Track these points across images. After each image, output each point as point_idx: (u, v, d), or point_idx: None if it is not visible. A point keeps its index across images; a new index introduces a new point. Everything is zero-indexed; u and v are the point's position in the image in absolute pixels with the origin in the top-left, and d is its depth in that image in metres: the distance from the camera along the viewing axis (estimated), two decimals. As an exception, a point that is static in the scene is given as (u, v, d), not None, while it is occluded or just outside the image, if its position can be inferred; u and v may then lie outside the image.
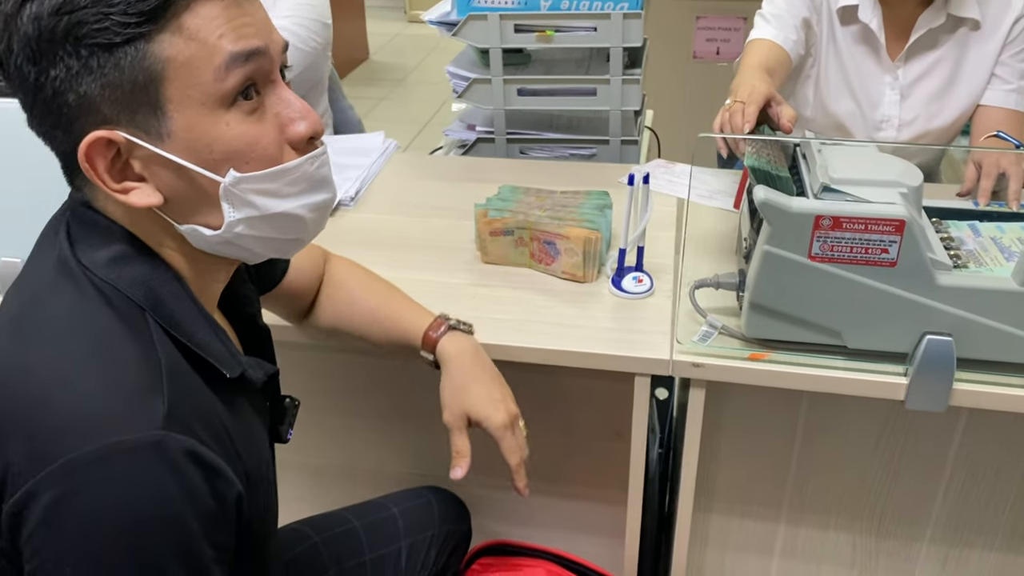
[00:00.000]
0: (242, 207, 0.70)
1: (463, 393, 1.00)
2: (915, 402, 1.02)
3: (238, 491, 0.67)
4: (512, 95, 1.60)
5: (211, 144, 0.67)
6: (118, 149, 0.66)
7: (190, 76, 0.65)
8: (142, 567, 0.61)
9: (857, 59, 1.54)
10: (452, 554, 1.18)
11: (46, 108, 0.66)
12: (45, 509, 0.60)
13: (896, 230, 0.96)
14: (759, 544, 1.26)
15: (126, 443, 0.61)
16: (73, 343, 0.65)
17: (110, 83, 0.63)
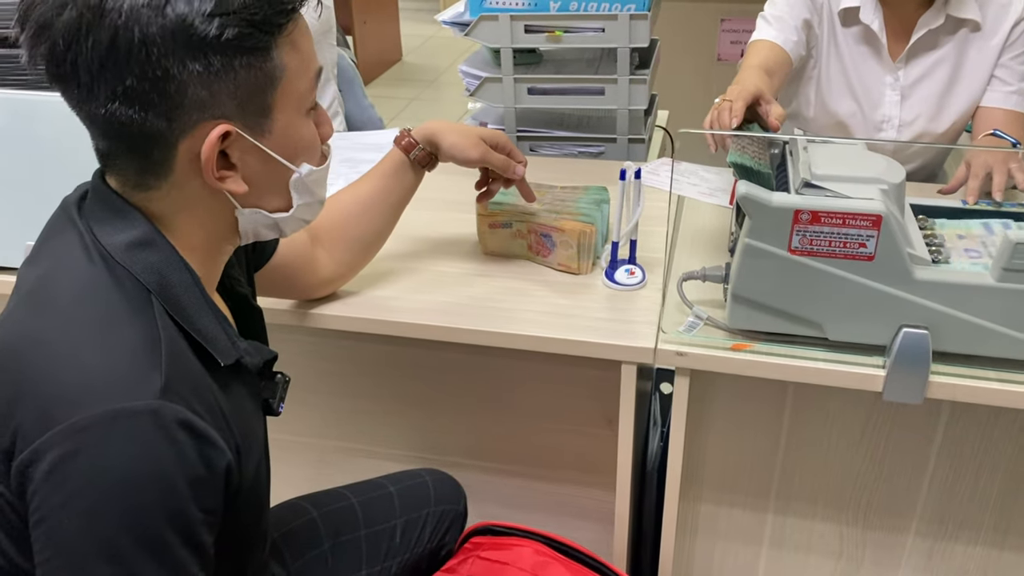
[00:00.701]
0: (305, 195, 0.83)
1: (463, 135, 1.18)
2: (892, 393, 1.04)
3: (228, 460, 0.72)
4: (523, 94, 1.64)
5: (297, 142, 0.79)
6: (231, 140, 0.74)
7: (296, 83, 0.76)
8: (134, 522, 0.66)
9: (858, 60, 1.56)
10: (447, 533, 1.22)
11: (157, 95, 0.69)
12: (49, 466, 0.65)
13: (873, 225, 0.98)
14: (748, 533, 1.29)
15: (125, 410, 0.66)
16: (83, 318, 0.71)
17: (241, 84, 0.72)
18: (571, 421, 1.29)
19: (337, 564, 1.13)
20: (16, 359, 0.71)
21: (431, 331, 1.16)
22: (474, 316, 1.16)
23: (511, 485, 1.38)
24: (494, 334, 1.14)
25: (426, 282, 1.24)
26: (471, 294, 1.21)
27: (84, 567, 0.65)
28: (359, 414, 1.39)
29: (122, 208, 0.76)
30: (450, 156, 1.18)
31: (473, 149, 1.17)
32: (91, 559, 0.65)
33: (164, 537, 0.67)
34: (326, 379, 1.36)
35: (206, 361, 0.76)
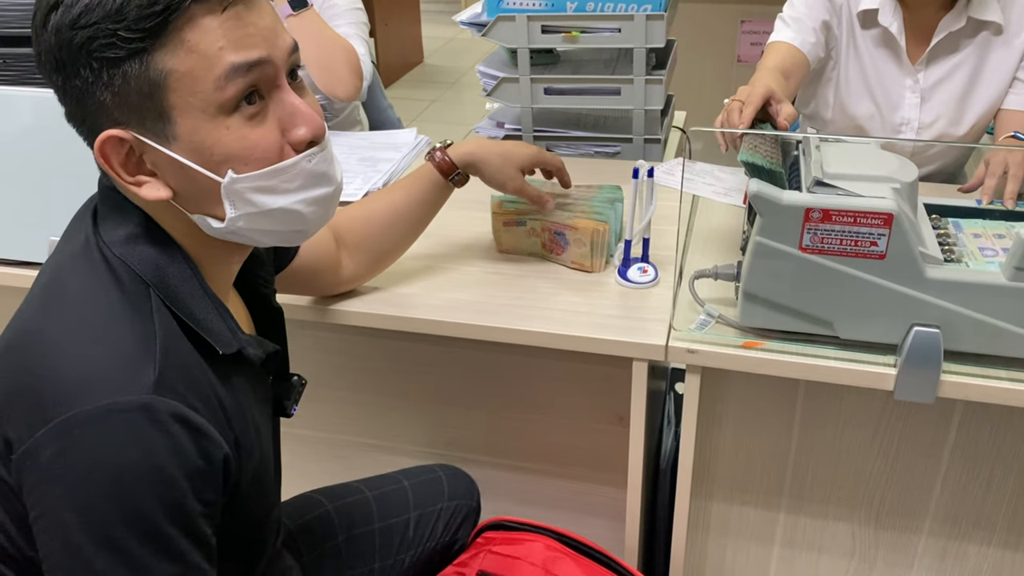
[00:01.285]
0: (242, 204, 0.75)
1: (504, 164, 1.18)
2: (903, 392, 1.04)
3: (225, 452, 0.73)
4: (539, 94, 1.65)
5: (211, 147, 0.72)
6: (131, 146, 0.73)
7: (191, 85, 0.70)
8: (132, 515, 0.67)
9: (877, 62, 1.55)
10: (460, 527, 1.24)
11: (72, 109, 0.73)
12: (46, 462, 0.67)
13: (885, 223, 0.98)
14: (760, 532, 1.29)
15: (118, 404, 0.67)
16: (80, 314, 0.73)
17: (119, 92, 0.70)
18: (583, 418, 1.30)
19: (351, 556, 1.14)
20: (18, 353, 0.73)
21: (446, 327, 1.17)
22: (489, 313, 1.17)
23: (523, 481, 1.39)
24: (508, 331, 1.15)
25: (441, 279, 1.26)
26: (485, 291, 1.23)
27: (86, 560, 0.66)
28: (374, 409, 1.41)
29: (121, 204, 0.78)
30: (488, 182, 1.22)
31: (510, 182, 1.21)
32: (92, 552, 0.66)
33: (164, 529, 0.68)
34: (342, 374, 1.38)
35: (206, 353, 0.76)
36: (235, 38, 0.71)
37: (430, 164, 1.19)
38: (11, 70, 1.31)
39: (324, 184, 0.80)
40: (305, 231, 0.83)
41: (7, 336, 0.75)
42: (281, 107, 0.75)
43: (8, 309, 1.50)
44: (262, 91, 0.74)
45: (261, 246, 0.84)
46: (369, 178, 1.55)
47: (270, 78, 0.74)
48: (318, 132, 0.77)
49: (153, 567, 0.68)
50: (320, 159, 0.79)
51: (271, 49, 0.73)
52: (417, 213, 1.20)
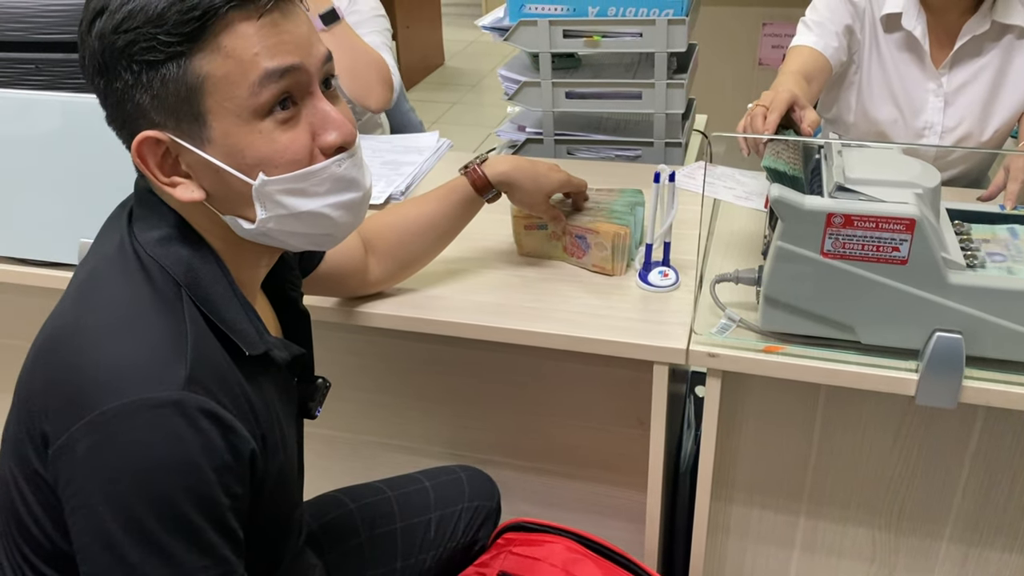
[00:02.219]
0: (272, 206, 0.77)
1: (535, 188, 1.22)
2: (925, 398, 1.04)
3: (252, 448, 0.75)
4: (560, 98, 1.66)
5: (244, 150, 0.74)
6: (167, 148, 0.75)
7: (227, 90, 0.72)
8: (164, 508, 0.69)
9: (900, 66, 1.55)
10: (480, 528, 1.25)
11: (112, 111, 0.76)
12: (80, 455, 0.69)
13: (907, 229, 0.99)
14: (779, 536, 1.29)
15: (150, 400, 0.69)
16: (114, 311, 0.75)
17: (158, 94, 0.72)
18: (604, 421, 1.31)
19: (373, 556, 1.16)
20: (55, 349, 0.75)
21: (468, 330, 1.18)
22: (510, 316, 1.18)
23: (543, 483, 1.39)
24: (530, 333, 1.16)
25: (463, 282, 1.27)
26: (507, 294, 1.24)
27: (120, 552, 0.68)
28: (396, 410, 1.42)
29: (156, 206, 0.80)
30: (517, 204, 1.26)
31: (539, 206, 1.25)
32: (126, 544, 0.68)
33: (193, 521, 0.69)
34: (365, 375, 1.39)
35: (234, 353, 0.78)
36: (270, 45, 0.73)
37: (465, 179, 1.20)
38: (43, 75, 1.33)
39: (353, 189, 0.82)
40: (334, 235, 0.84)
41: (44, 333, 0.77)
42: (313, 113, 0.77)
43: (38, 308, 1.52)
44: (295, 97, 0.76)
45: (291, 250, 0.86)
46: (392, 181, 1.57)
47: (303, 85, 0.76)
48: (348, 138, 0.79)
49: (184, 559, 0.69)
50: (350, 164, 0.80)
51: (305, 57, 0.75)
52: (448, 224, 1.22)
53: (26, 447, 0.74)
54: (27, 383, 0.76)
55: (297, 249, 0.86)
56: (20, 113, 1.30)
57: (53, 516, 0.74)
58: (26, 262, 1.40)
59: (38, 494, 0.74)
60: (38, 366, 0.76)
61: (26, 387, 0.76)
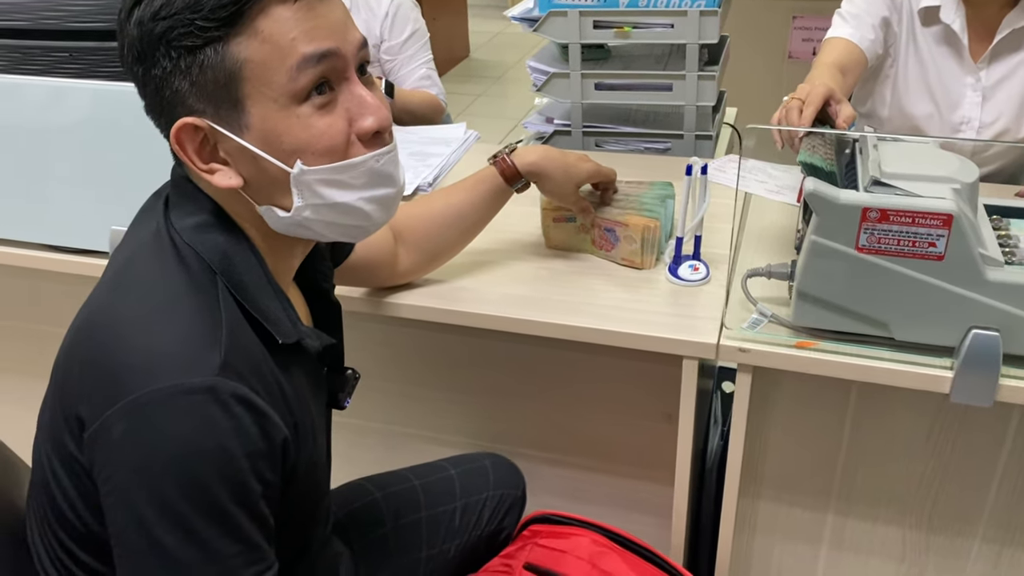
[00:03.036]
0: (309, 195, 0.77)
1: (565, 179, 1.20)
2: (960, 395, 1.03)
3: (285, 435, 0.75)
4: (590, 89, 1.65)
5: (281, 136, 0.74)
6: (205, 135, 0.75)
7: (265, 75, 0.72)
8: (197, 493, 0.69)
9: (938, 60, 1.53)
10: (506, 516, 1.24)
11: (151, 99, 0.76)
12: (116, 439, 0.69)
13: (944, 224, 0.97)
14: (807, 533, 1.28)
15: (184, 385, 0.69)
16: (150, 297, 0.75)
17: (196, 81, 0.72)
18: (631, 415, 1.30)
19: (397, 545, 1.16)
20: (90, 336, 0.75)
21: (497, 322, 1.18)
22: (539, 308, 1.18)
23: (570, 476, 1.39)
24: (557, 326, 1.16)
25: (492, 274, 1.27)
26: (536, 287, 1.23)
27: (154, 536, 0.69)
28: (424, 401, 1.42)
29: (192, 194, 0.80)
30: (546, 195, 1.25)
31: (569, 197, 1.23)
32: (158, 527, 0.68)
33: (227, 507, 0.70)
34: (393, 366, 1.40)
35: (267, 341, 0.78)
36: (307, 29, 0.73)
37: (494, 169, 1.20)
38: (76, 63, 1.34)
39: (388, 185, 0.82)
40: (366, 228, 0.84)
41: (80, 319, 0.78)
42: (349, 98, 0.77)
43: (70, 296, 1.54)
44: (332, 82, 0.76)
45: (323, 240, 0.86)
46: (419, 173, 1.57)
47: (339, 70, 0.76)
48: (384, 123, 0.79)
49: (217, 544, 0.70)
50: (388, 160, 0.81)
51: (341, 42, 0.75)
52: (477, 215, 1.22)
53: (62, 430, 0.75)
54: (63, 368, 0.77)
55: (328, 240, 0.86)
56: (54, 101, 1.31)
57: (88, 499, 0.75)
58: (59, 249, 1.41)
59: (73, 477, 0.75)
60: (74, 351, 0.76)
61: (62, 372, 0.77)
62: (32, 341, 1.61)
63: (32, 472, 0.84)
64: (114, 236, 1.28)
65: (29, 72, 1.36)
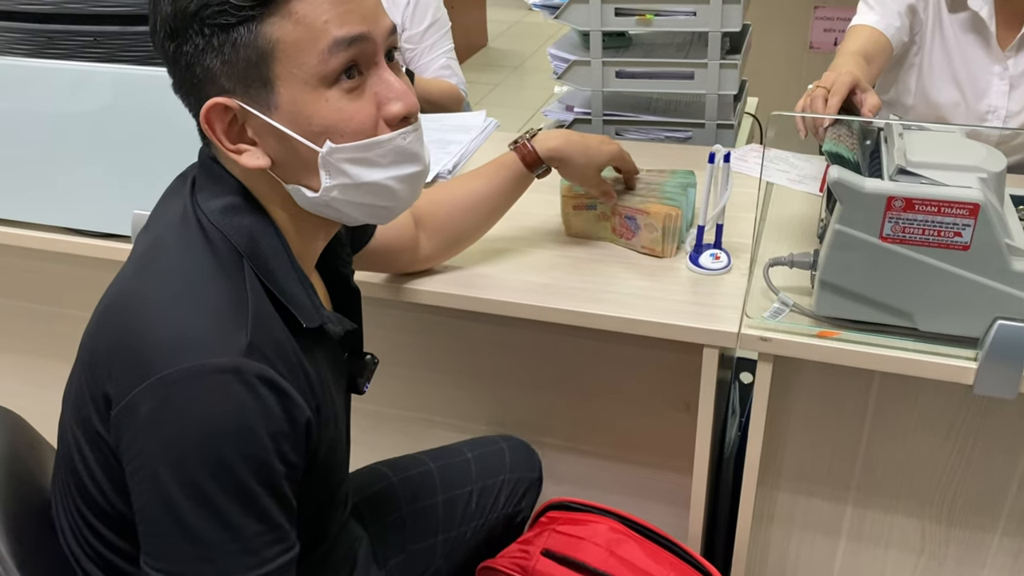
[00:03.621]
0: (337, 175, 0.78)
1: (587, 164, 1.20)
2: (984, 387, 1.02)
3: (308, 417, 0.76)
4: (610, 77, 1.64)
5: (310, 117, 0.75)
6: (235, 115, 0.76)
7: (296, 56, 0.73)
8: (221, 472, 0.69)
9: (964, 48, 1.51)
10: (522, 499, 1.25)
11: (181, 77, 0.76)
12: (143, 417, 0.70)
13: (970, 214, 0.96)
14: (826, 524, 1.28)
15: (211, 365, 0.70)
16: (178, 277, 0.76)
17: (228, 60, 0.73)
18: (649, 404, 1.30)
19: (414, 528, 1.16)
20: (118, 314, 0.76)
21: (516, 309, 1.18)
22: (558, 296, 1.18)
23: (587, 464, 1.39)
24: (578, 314, 1.15)
25: (511, 261, 1.27)
26: (555, 274, 1.23)
27: (177, 512, 0.69)
28: (442, 387, 1.42)
29: (220, 176, 0.80)
30: (568, 179, 1.25)
31: (591, 180, 1.23)
32: (183, 505, 0.69)
33: (251, 487, 0.70)
34: (411, 352, 1.40)
35: (291, 324, 0.79)
36: (340, 12, 0.73)
37: (515, 155, 1.20)
38: (100, 47, 1.35)
39: (414, 163, 0.82)
40: (393, 208, 0.85)
41: (108, 299, 0.79)
42: (378, 83, 0.78)
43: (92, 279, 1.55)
44: (361, 67, 0.76)
45: (349, 223, 0.86)
46: (439, 160, 1.57)
47: (369, 55, 0.76)
48: (412, 108, 0.79)
49: (240, 523, 0.70)
50: (413, 138, 0.81)
51: (372, 27, 0.76)
52: (497, 201, 1.21)
53: (88, 409, 0.75)
54: (90, 347, 0.78)
55: (355, 222, 0.86)
56: (78, 85, 1.32)
57: (112, 478, 0.76)
58: (81, 233, 1.42)
59: (98, 456, 0.76)
60: (102, 330, 0.77)
61: (89, 351, 0.77)
62: (54, 324, 1.62)
63: (57, 450, 0.85)
64: (137, 220, 1.29)
65: (53, 56, 1.36)
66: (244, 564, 0.71)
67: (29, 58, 1.37)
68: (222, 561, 0.70)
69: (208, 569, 0.70)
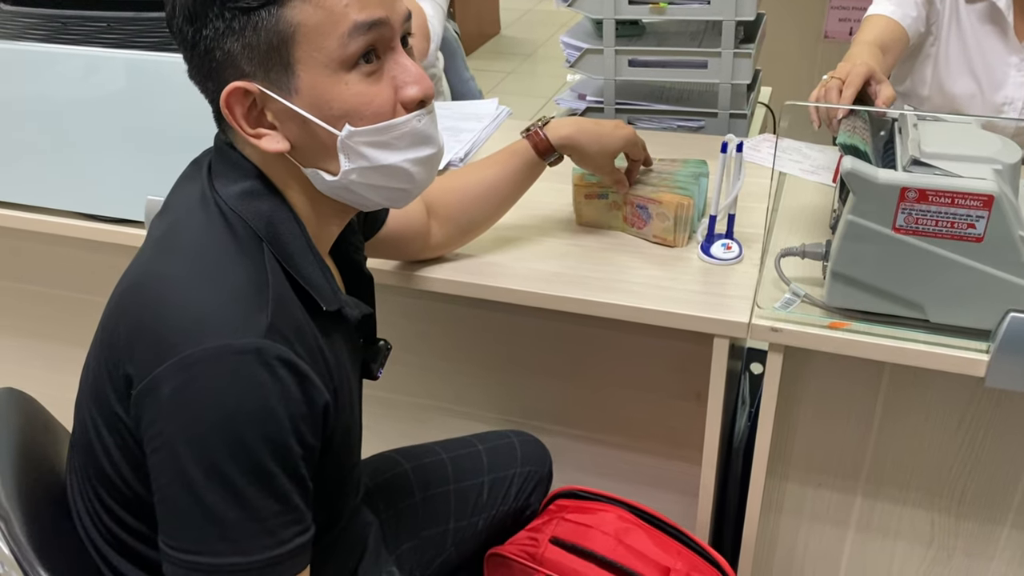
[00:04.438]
0: (356, 158, 0.79)
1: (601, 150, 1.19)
2: (995, 380, 1.01)
3: (326, 400, 0.76)
4: (623, 66, 1.64)
5: (331, 101, 0.76)
6: (254, 99, 0.76)
7: (317, 40, 0.73)
8: (240, 451, 0.70)
9: (981, 39, 1.50)
10: (532, 493, 1.25)
11: (199, 62, 0.76)
12: (164, 397, 0.70)
13: (984, 205, 0.95)
14: (834, 515, 1.28)
15: (232, 346, 0.70)
16: (199, 259, 0.76)
17: (249, 43, 0.73)
18: (659, 393, 1.30)
19: (426, 515, 1.17)
20: (138, 295, 0.77)
21: (526, 297, 1.18)
22: (569, 284, 1.18)
23: (596, 453, 1.40)
24: (588, 303, 1.15)
25: (523, 250, 1.27)
26: (566, 263, 1.23)
27: (196, 491, 0.70)
28: (452, 375, 1.43)
29: (237, 161, 0.81)
30: (581, 166, 1.24)
31: (604, 167, 1.22)
32: (202, 484, 0.70)
33: (269, 468, 0.71)
34: (422, 340, 1.40)
35: (309, 308, 0.79)
36: None
37: (527, 142, 1.20)
38: (113, 33, 1.35)
39: (430, 145, 0.83)
40: (410, 191, 0.86)
41: (127, 280, 0.79)
42: (395, 67, 0.79)
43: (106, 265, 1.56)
44: (379, 51, 0.77)
45: (366, 207, 0.86)
46: (451, 148, 1.57)
47: (387, 39, 0.77)
48: (428, 92, 0.80)
49: (258, 503, 0.71)
50: (428, 121, 0.82)
51: (390, 12, 0.76)
52: (509, 189, 1.21)
53: (107, 390, 0.76)
54: (109, 329, 0.78)
55: (373, 206, 0.87)
56: (91, 71, 1.33)
57: (131, 459, 0.76)
58: (94, 218, 1.43)
59: (117, 438, 0.76)
60: (122, 311, 0.77)
61: (108, 332, 0.78)
62: (67, 308, 1.64)
63: (73, 433, 0.86)
64: (150, 206, 1.29)
65: (67, 42, 1.37)
66: (261, 544, 0.72)
67: (43, 43, 1.37)
68: (239, 541, 0.71)
69: (226, 548, 0.71)
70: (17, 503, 0.83)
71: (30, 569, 0.79)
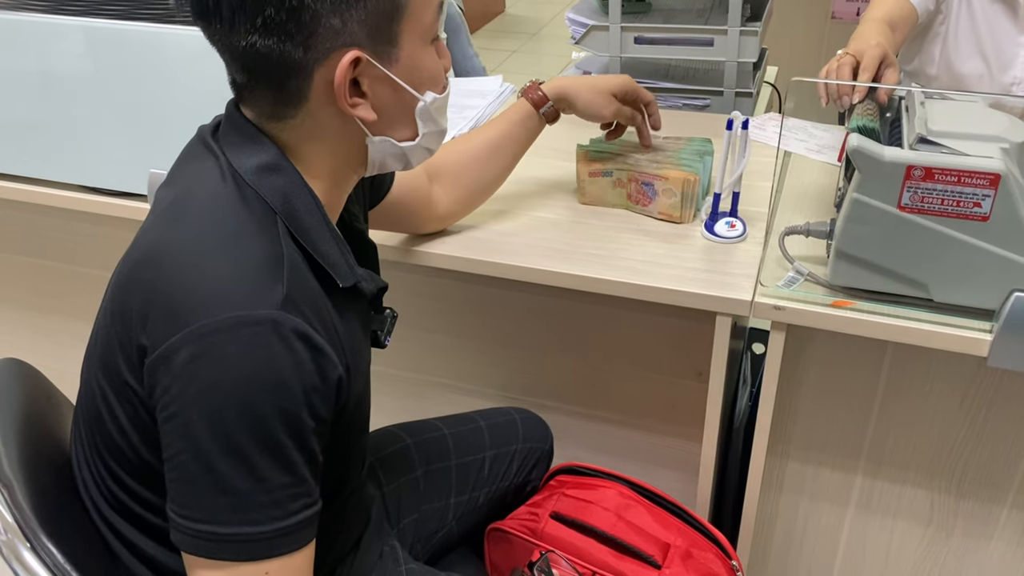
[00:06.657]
0: (430, 123, 0.85)
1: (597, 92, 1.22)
2: (998, 360, 1.01)
3: (340, 374, 0.76)
4: (629, 43, 1.63)
5: (421, 70, 0.81)
6: (360, 69, 0.77)
7: (420, 13, 0.79)
8: (253, 421, 0.70)
9: (991, 18, 1.48)
10: (533, 469, 1.26)
11: (294, 25, 0.72)
12: (178, 366, 0.70)
13: (991, 184, 0.95)
14: (834, 494, 1.28)
15: (248, 317, 0.71)
16: (214, 231, 0.76)
17: (371, 12, 0.75)
18: (661, 371, 1.30)
19: (428, 490, 1.18)
20: (152, 266, 0.76)
21: (529, 273, 1.18)
22: (572, 261, 1.18)
23: (597, 430, 1.40)
24: (591, 279, 1.15)
25: (525, 226, 1.26)
26: (569, 239, 1.23)
27: (208, 460, 0.70)
28: (453, 351, 1.43)
29: (255, 135, 0.80)
30: (583, 115, 1.24)
31: (606, 107, 1.23)
32: (214, 453, 0.70)
33: (281, 439, 0.71)
34: (424, 315, 1.40)
35: (324, 282, 0.80)
36: None
37: (523, 99, 1.22)
38: (116, 5, 1.34)
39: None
40: (434, 152, 0.91)
41: (139, 251, 0.79)
42: None
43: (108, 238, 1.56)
44: None
45: (386, 170, 0.88)
46: (455, 124, 1.56)
47: None
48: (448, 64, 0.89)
49: (268, 474, 0.71)
50: None
51: None
52: (511, 147, 1.23)
53: (117, 359, 0.76)
54: (120, 299, 0.77)
55: (398, 168, 0.89)
56: (94, 42, 1.32)
57: (140, 428, 0.76)
58: (97, 191, 1.43)
59: (127, 407, 0.77)
60: (134, 281, 0.77)
61: (119, 303, 0.77)
62: (69, 281, 1.64)
63: (78, 403, 0.86)
64: (153, 179, 1.29)
65: (69, 13, 1.36)
66: (269, 515, 0.72)
67: (46, 14, 1.36)
68: (248, 511, 0.71)
69: (234, 518, 0.71)
70: (20, 471, 0.84)
71: (33, 537, 0.80)
